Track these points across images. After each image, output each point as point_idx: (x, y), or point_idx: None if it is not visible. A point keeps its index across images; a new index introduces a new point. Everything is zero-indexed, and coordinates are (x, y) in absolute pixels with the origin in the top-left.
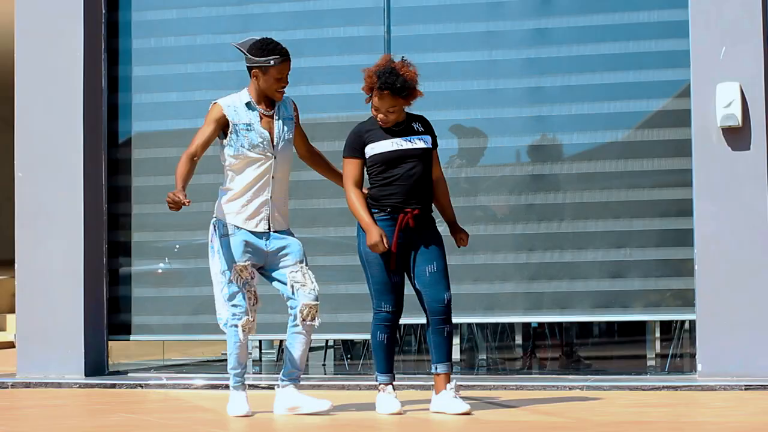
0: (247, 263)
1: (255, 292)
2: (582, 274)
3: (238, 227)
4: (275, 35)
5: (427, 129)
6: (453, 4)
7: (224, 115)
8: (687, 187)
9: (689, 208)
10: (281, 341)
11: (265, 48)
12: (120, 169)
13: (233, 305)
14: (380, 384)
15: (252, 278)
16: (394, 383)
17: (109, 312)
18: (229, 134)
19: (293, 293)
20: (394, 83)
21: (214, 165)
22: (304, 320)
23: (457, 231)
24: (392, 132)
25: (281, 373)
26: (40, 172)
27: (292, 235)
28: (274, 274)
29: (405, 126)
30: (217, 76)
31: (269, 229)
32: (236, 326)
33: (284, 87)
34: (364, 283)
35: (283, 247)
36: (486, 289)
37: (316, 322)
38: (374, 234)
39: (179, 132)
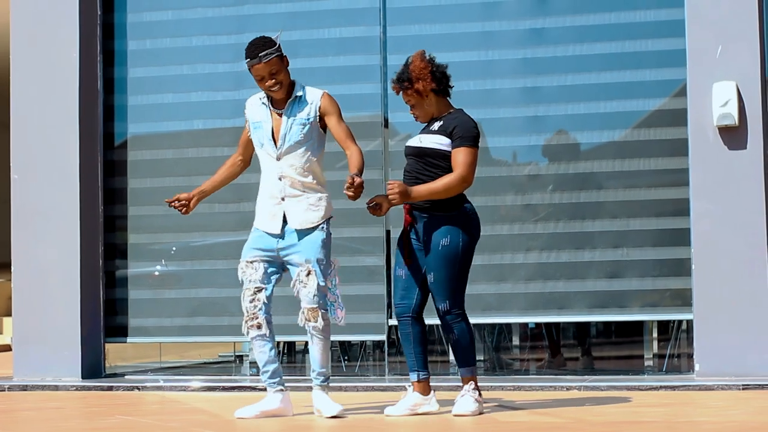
0: (253, 259)
1: (258, 289)
2: (579, 275)
3: (256, 227)
4: (270, 36)
5: (446, 129)
6: (449, 4)
7: (246, 114)
8: (684, 186)
9: (686, 208)
10: (278, 342)
11: (245, 50)
12: (116, 171)
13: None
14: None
15: (255, 273)
16: (415, 383)
17: (106, 314)
18: (248, 131)
19: (299, 293)
20: (397, 73)
21: (207, 167)
22: (307, 321)
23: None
24: (421, 130)
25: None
26: (36, 175)
27: (322, 229)
28: (290, 271)
29: (427, 124)
30: (213, 77)
31: (282, 230)
32: (243, 322)
33: (272, 86)
34: (362, 284)
35: (294, 245)
36: (483, 290)
37: (319, 324)
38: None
39: (175, 134)
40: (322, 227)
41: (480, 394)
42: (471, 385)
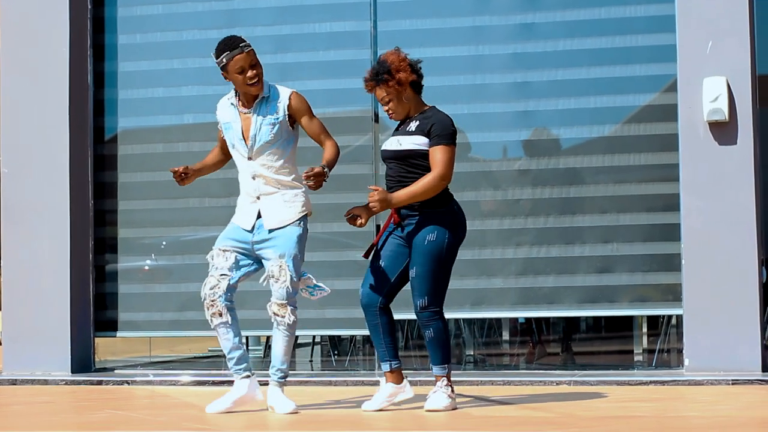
0: (227, 248)
1: (222, 276)
2: (569, 269)
3: (232, 222)
4: (261, 30)
5: (424, 129)
6: None
7: (217, 115)
8: (674, 181)
9: (676, 203)
10: (268, 337)
11: (219, 47)
12: (106, 165)
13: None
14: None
15: (226, 261)
16: (388, 373)
17: (96, 309)
18: (221, 131)
19: (271, 287)
20: (371, 70)
21: (197, 161)
22: (276, 315)
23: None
24: (395, 132)
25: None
26: (27, 169)
27: (297, 224)
28: (264, 265)
29: (403, 126)
30: (203, 71)
31: (253, 226)
32: (204, 309)
33: (254, 80)
34: (351, 278)
35: (268, 239)
36: (473, 285)
37: (287, 319)
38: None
39: (165, 128)
40: (299, 223)
41: (453, 391)
42: (444, 381)
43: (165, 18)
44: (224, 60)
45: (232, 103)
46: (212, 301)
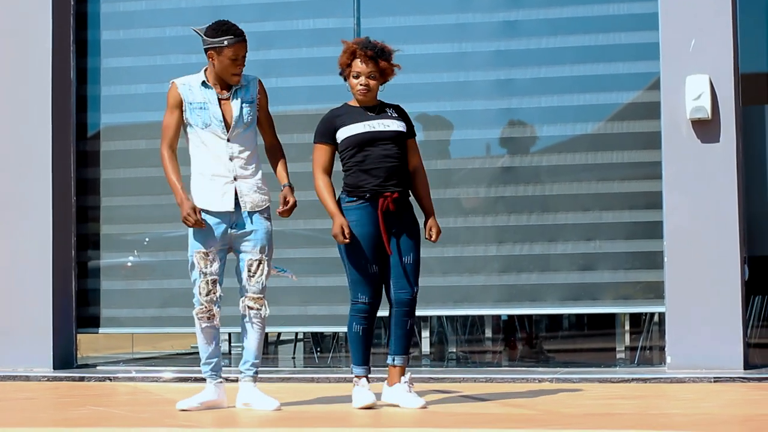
0: (209, 250)
1: (214, 281)
2: (552, 267)
3: (204, 211)
4: (245, 27)
5: (402, 116)
6: None
7: (179, 94)
8: (657, 179)
9: (659, 201)
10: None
11: (220, 28)
12: (89, 161)
13: (195, 292)
14: (355, 376)
15: (211, 266)
16: (369, 376)
17: (78, 305)
18: (184, 112)
19: (245, 281)
20: (376, 45)
21: (179, 158)
22: (251, 309)
23: (431, 224)
24: (365, 116)
25: (240, 365)
26: (8, 165)
27: (267, 218)
28: (239, 257)
29: (378, 110)
30: (186, 67)
31: (235, 207)
32: (195, 314)
33: (239, 70)
34: (334, 275)
35: (249, 233)
36: (456, 282)
37: (263, 311)
38: (336, 224)
39: (148, 124)
40: (268, 216)
41: None
42: (408, 376)
43: (148, 14)
44: (225, 42)
45: (203, 83)
46: (208, 307)
